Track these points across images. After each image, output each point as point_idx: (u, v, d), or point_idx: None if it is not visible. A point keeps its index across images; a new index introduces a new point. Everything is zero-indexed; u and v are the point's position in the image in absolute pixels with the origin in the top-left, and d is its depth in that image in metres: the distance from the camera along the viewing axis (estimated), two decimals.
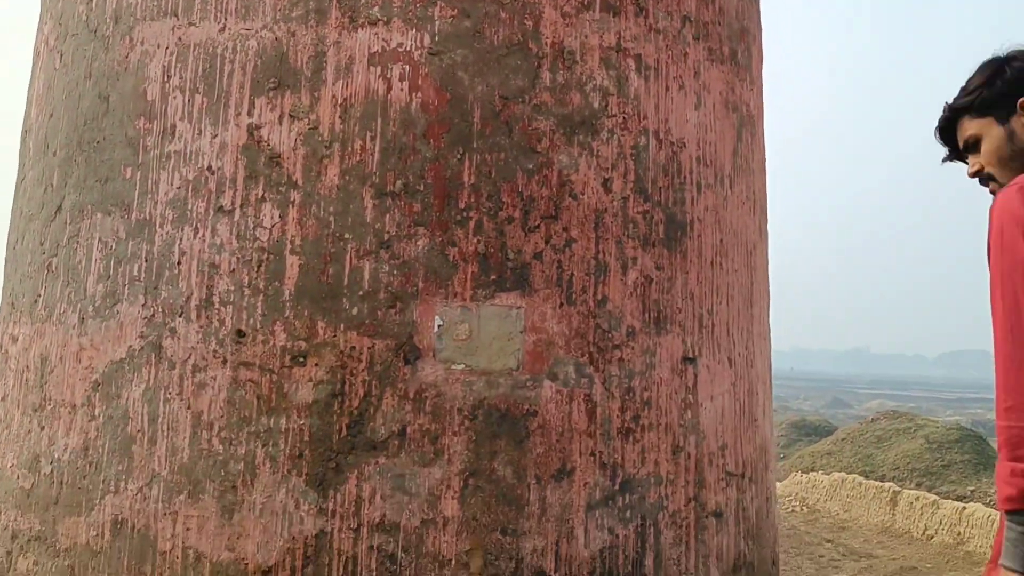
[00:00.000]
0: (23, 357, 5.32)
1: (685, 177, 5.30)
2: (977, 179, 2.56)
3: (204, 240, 4.69)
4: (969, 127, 2.57)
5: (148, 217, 4.82)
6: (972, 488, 23.75)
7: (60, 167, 5.29)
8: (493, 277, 4.68)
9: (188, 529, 4.51)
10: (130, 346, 4.76)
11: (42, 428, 5.02)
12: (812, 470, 26.77)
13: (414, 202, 4.66)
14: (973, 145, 2.55)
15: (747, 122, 5.94)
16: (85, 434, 4.81)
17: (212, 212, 4.70)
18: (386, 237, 4.63)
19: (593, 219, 4.91)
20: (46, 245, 5.28)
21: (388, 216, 4.64)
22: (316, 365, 4.54)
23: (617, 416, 4.87)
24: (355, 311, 4.57)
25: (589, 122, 4.97)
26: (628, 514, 4.84)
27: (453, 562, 4.48)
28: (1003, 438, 2.04)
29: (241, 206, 4.68)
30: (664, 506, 4.97)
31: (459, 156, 4.72)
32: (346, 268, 4.60)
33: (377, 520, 4.46)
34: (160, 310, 4.72)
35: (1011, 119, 2.46)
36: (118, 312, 4.82)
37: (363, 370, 4.54)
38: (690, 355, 5.20)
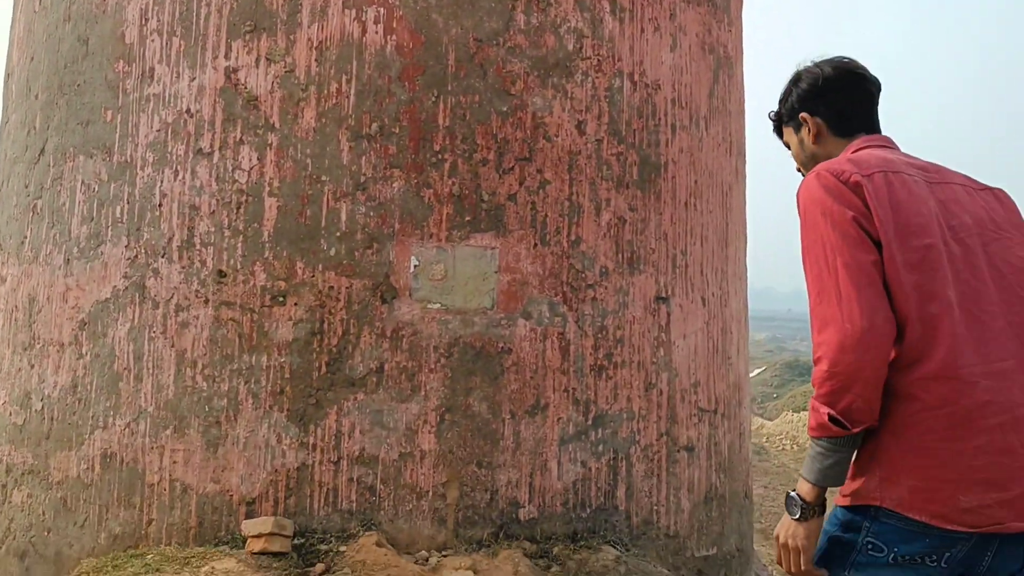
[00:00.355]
0: (11, 297, 5.44)
1: (660, 119, 5.37)
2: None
3: (184, 182, 4.78)
4: (784, 134, 2.99)
5: (129, 159, 4.90)
6: None
7: (42, 110, 5.35)
8: (468, 218, 4.78)
9: (175, 462, 4.68)
10: (115, 286, 4.87)
11: (32, 366, 5.17)
12: (804, 410, 27.14)
13: (389, 144, 4.74)
14: (788, 148, 2.98)
15: (724, 64, 5.98)
16: (73, 372, 4.95)
17: (192, 154, 4.78)
18: (362, 179, 4.72)
19: (567, 161, 5.00)
20: (31, 187, 5.37)
21: (364, 158, 4.72)
22: (295, 304, 4.66)
23: (590, 354, 5.01)
24: (333, 252, 4.68)
25: (563, 64, 5.02)
26: (600, 448, 5.01)
27: (430, 493, 4.66)
28: (813, 379, 2.36)
29: (220, 148, 4.76)
30: (636, 440, 5.14)
31: (434, 98, 4.79)
32: (323, 210, 4.70)
33: (357, 453, 4.63)
34: (143, 251, 4.82)
35: (800, 130, 2.84)
36: (102, 253, 4.93)
37: (341, 309, 4.67)
38: (663, 294, 5.33)
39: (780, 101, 2.90)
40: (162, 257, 4.78)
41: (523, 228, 4.85)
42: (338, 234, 4.69)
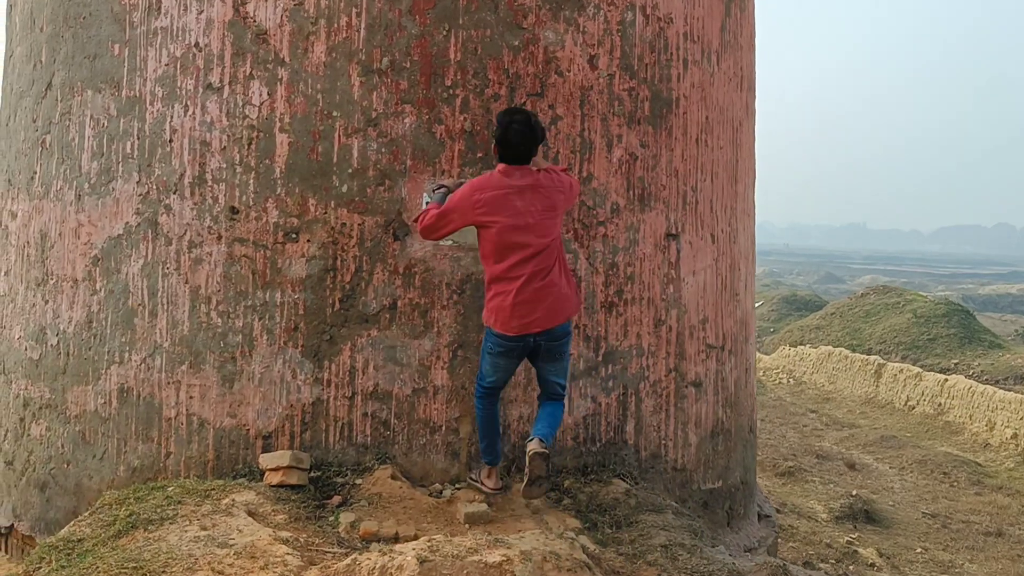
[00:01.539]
0: (23, 233, 5.44)
1: (672, 53, 5.31)
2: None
3: (195, 118, 4.75)
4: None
5: (138, 94, 4.87)
6: (956, 361, 24.32)
7: (48, 43, 5.29)
8: (480, 155, 4.76)
9: (191, 397, 4.74)
10: (127, 222, 4.88)
11: (46, 302, 5.20)
12: (800, 344, 27.34)
13: (400, 79, 4.70)
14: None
15: None
16: (88, 308, 4.99)
17: (201, 89, 4.75)
18: (374, 115, 4.69)
19: (579, 96, 4.96)
20: (39, 122, 5.33)
21: (375, 94, 4.69)
22: (308, 241, 4.67)
23: (601, 290, 5.04)
24: (345, 188, 4.68)
25: None
26: (610, 384, 5.07)
27: (443, 428, 4.73)
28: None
29: (230, 83, 4.72)
30: (645, 376, 5.20)
31: (445, 32, 4.73)
32: (335, 146, 4.68)
33: (370, 389, 4.69)
34: (154, 187, 4.82)
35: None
36: (113, 189, 4.92)
37: (354, 246, 4.68)
38: (673, 231, 5.33)
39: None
40: (174, 193, 4.77)
41: (536, 165, 4.83)
42: (350, 171, 4.68)
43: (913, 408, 19.54)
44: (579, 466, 4.97)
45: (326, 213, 4.67)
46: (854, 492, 13.01)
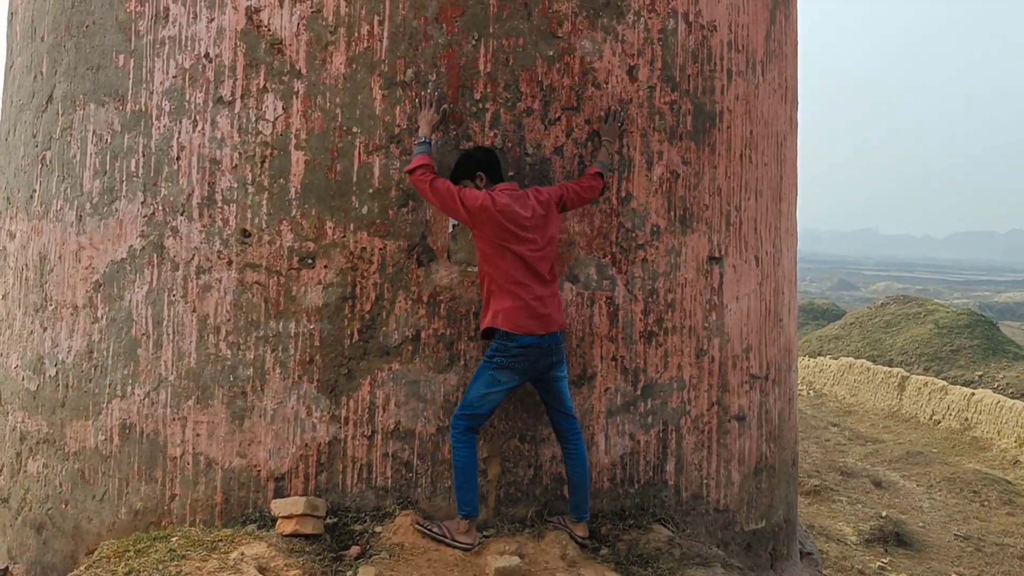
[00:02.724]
0: (21, 255, 5.11)
1: (715, 64, 4.94)
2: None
3: (204, 134, 4.41)
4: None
5: (144, 108, 4.53)
6: (980, 373, 23.81)
7: (49, 53, 4.96)
8: (511, 173, 4.40)
9: (198, 435, 4.39)
10: (131, 246, 4.54)
11: (44, 329, 4.86)
12: (819, 354, 26.90)
13: (426, 92, 4.34)
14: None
15: (781, 2, 5.53)
16: (88, 336, 4.65)
17: (211, 103, 4.40)
18: (397, 131, 4.33)
19: (617, 110, 4.59)
20: (39, 137, 5.00)
21: (399, 108, 4.33)
22: (325, 267, 4.32)
23: (640, 319, 4.67)
24: (365, 210, 4.32)
25: (614, 3, 4.59)
26: (650, 420, 4.70)
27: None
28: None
29: (242, 97, 4.37)
30: (686, 411, 4.83)
31: (474, 42, 4.38)
32: (355, 164, 4.33)
33: (392, 427, 4.33)
34: (160, 208, 4.47)
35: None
36: (117, 210, 4.58)
37: (374, 272, 4.33)
38: (716, 254, 4.96)
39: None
40: (181, 215, 4.43)
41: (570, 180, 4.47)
42: (371, 191, 4.32)
43: (938, 423, 19.08)
44: (616, 510, 4.60)
45: (344, 237, 4.31)
46: (884, 513, 12.60)
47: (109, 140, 4.62)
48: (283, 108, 4.33)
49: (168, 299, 4.44)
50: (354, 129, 4.32)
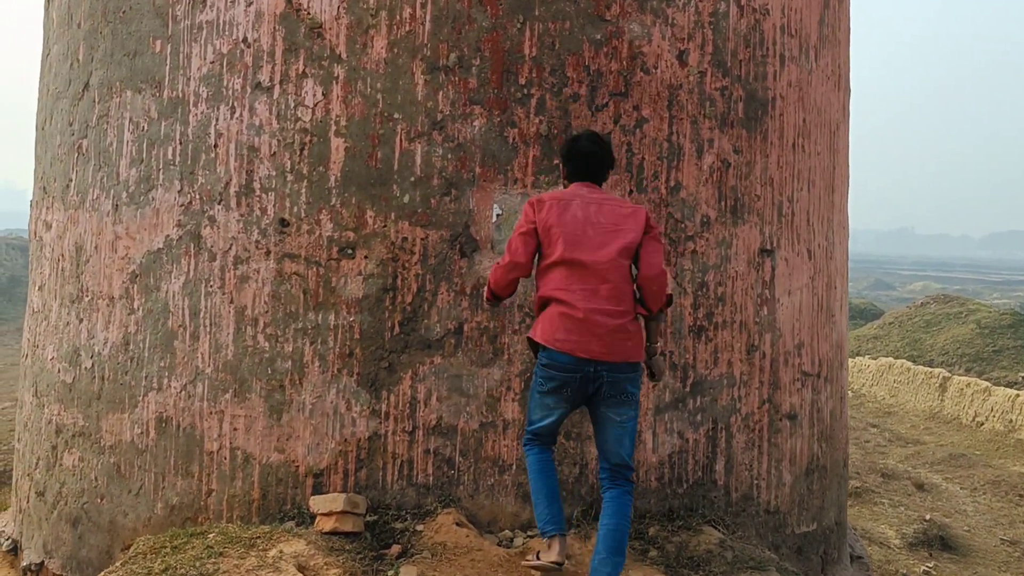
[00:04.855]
0: (57, 245, 5.04)
1: (768, 49, 4.76)
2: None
3: (242, 120, 4.30)
4: None
5: (181, 95, 4.43)
6: (1023, 375, 23.31)
7: (85, 40, 4.88)
8: (556, 162, 4.25)
9: (235, 429, 4.28)
10: (167, 235, 4.44)
11: (80, 320, 4.78)
12: (858, 354, 26.43)
13: (469, 77, 4.20)
14: None
15: None
16: (125, 328, 4.56)
17: (249, 89, 4.29)
18: (439, 117, 4.20)
19: (667, 96, 4.43)
20: (75, 125, 4.93)
21: (441, 93, 4.20)
22: (366, 257, 4.20)
23: (689, 313, 4.50)
24: (407, 199, 4.19)
25: None
26: (699, 417, 4.53)
27: (514, 467, 4.23)
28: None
29: (281, 82, 4.26)
30: (737, 409, 4.65)
31: (519, 25, 4.23)
32: (396, 151, 4.20)
33: (433, 423, 4.20)
34: (198, 197, 4.37)
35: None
36: (153, 199, 4.49)
37: (416, 263, 4.20)
38: (768, 247, 4.78)
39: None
40: (219, 204, 4.32)
41: (618, 172, 4.32)
42: (412, 179, 4.19)
43: (982, 424, 18.62)
44: (664, 510, 4.44)
45: (385, 226, 4.19)
46: (927, 516, 12.29)
47: (146, 127, 4.53)
48: (323, 94, 4.21)
49: (205, 290, 4.34)
50: (395, 115, 4.19)
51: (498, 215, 4.22)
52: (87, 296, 4.75)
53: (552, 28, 4.25)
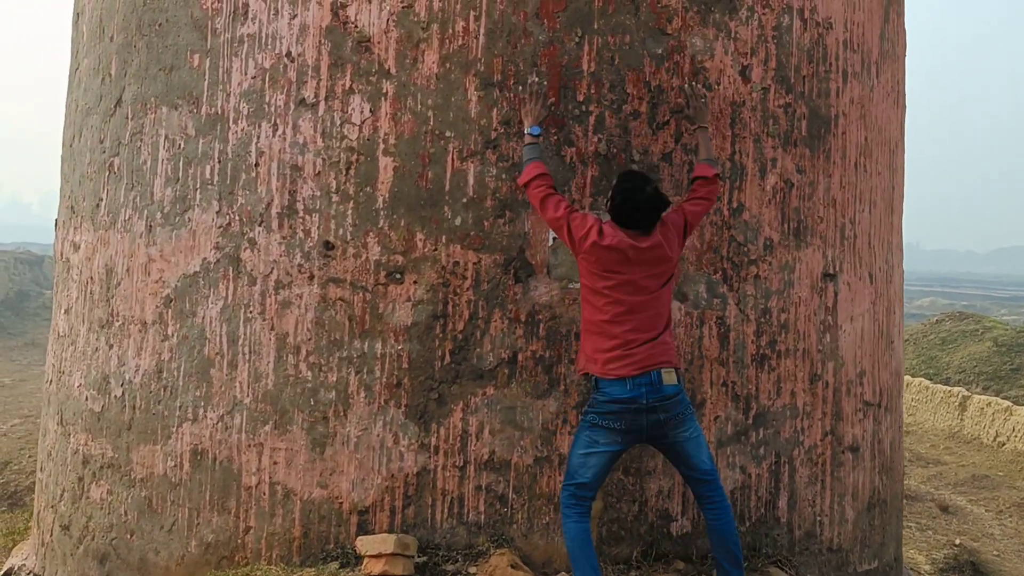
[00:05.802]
0: (86, 267, 4.83)
1: (831, 64, 4.55)
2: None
3: (285, 138, 4.09)
4: None
5: (220, 111, 4.22)
6: None
7: (118, 54, 4.68)
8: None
9: (275, 463, 4.06)
10: (204, 258, 4.23)
11: (110, 346, 4.57)
12: None
13: (525, 94, 4.00)
14: None
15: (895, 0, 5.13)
16: (158, 355, 4.34)
17: (293, 106, 4.09)
18: (493, 135, 3.99)
19: (729, 113, 4.22)
20: (106, 143, 4.72)
21: (495, 110, 3.99)
22: (415, 282, 3.98)
23: (752, 341, 4.28)
24: (458, 221, 3.98)
25: None
26: (762, 451, 4.30)
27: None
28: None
29: (326, 99, 4.05)
30: (800, 441, 4.42)
31: (577, 39, 4.03)
32: (447, 171, 3.99)
33: (485, 457, 3.97)
34: (237, 218, 4.16)
35: None
36: (190, 220, 4.28)
37: (468, 288, 3.98)
38: (830, 271, 4.56)
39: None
40: (259, 225, 4.11)
41: (679, 193, 4.10)
42: (464, 200, 3.98)
43: (1003, 445, 18.30)
44: None
45: (436, 250, 3.97)
46: (957, 541, 12.01)
47: (182, 145, 4.32)
48: (370, 111, 4.01)
49: (244, 316, 4.13)
50: (447, 133, 3.98)
51: (554, 238, 4.00)
52: (118, 321, 4.54)
53: (611, 42, 4.04)
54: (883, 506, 4.96)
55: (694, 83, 4.10)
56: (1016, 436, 18.32)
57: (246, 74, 4.17)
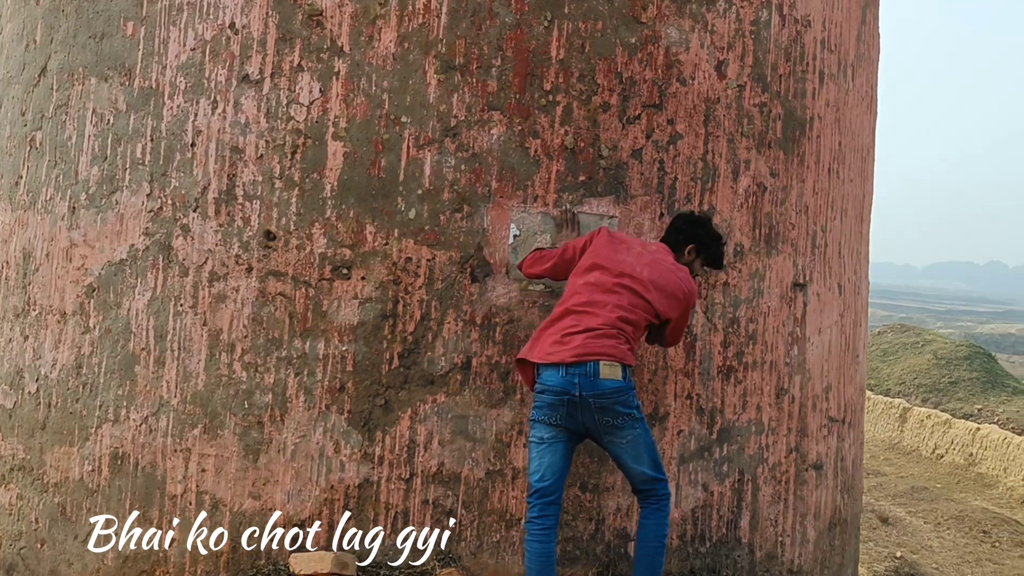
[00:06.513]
0: (2, 251, 4.44)
1: (808, 64, 4.35)
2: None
3: (225, 117, 3.76)
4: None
5: (155, 85, 3.87)
6: (980, 407, 23.28)
7: (44, 19, 4.29)
8: (582, 178, 3.79)
9: (204, 470, 3.72)
10: (132, 245, 3.87)
11: (25, 338, 4.18)
12: None
13: (488, 80, 3.72)
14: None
15: (872, 0, 4.96)
16: (78, 349, 3.97)
17: (235, 82, 3.75)
18: (453, 123, 3.70)
19: (703, 110, 3.99)
20: (28, 115, 4.33)
21: (456, 96, 3.71)
22: (363, 279, 3.68)
23: (718, 352, 4.05)
24: (412, 214, 3.69)
25: None
26: (725, 468, 4.08)
27: (522, 521, 3.72)
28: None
29: (272, 76, 3.73)
30: (764, 458, 4.21)
31: (546, 23, 3.76)
32: (402, 160, 3.69)
33: (433, 469, 3.68)
34: (170, 202, 3.81)
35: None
36: (117, 203, 3.92)
37: (420, 287, 3.69)
38: (800, 280, 4.36)
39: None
40: (194, 211, 3.77)
41: (648, 193, 3.87)
42: (420, 192, 3.69)
43: (941, 457, 18.52)
44: (684, 571, 3.97)
45: (387, 244, 3.68)
46: (897, 554, 12.03)
47: (112, 121, 3.96)
48: (320, 91, 3.69)
49: (174, 309, 3.78)
50: (403, 119, 3.69)
51: (515, 236, 3.73)
52: (34, 310, 4.15)
53: (583, 28, 3.79)
54: (844, 525, 4.79)
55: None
56: (954, 449, 18.54)
57: (184, 45, 3.82)
